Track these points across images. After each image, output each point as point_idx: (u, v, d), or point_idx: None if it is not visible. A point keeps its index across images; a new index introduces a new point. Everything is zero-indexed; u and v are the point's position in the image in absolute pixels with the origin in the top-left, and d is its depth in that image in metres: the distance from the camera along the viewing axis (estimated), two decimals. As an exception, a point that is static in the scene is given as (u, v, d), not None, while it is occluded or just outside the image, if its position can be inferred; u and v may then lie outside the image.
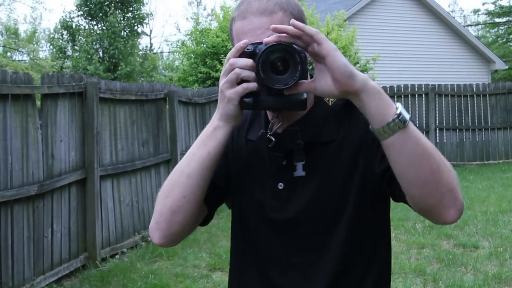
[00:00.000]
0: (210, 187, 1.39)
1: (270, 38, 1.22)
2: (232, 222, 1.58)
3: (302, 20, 1.39)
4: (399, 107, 1.21)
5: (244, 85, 1.26)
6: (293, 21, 1.20)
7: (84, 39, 19.56)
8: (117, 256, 6.29)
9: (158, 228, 1.39)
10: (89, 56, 18.85)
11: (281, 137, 1.42)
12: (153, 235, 1.40)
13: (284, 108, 1.33)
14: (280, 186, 1.44)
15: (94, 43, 19.66)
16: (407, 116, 1.20)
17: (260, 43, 1.27)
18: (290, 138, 1.41)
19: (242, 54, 1.28)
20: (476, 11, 31.14)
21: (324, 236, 1.42)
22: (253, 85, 1.26)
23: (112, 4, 19.44)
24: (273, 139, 1.41)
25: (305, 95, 1.27)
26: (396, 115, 1.19)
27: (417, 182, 1.22)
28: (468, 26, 35.72)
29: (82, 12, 19.99)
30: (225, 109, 1.30)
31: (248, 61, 1.26)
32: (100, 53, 19.85)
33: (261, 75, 1.22)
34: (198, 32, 13.45)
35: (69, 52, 20.73)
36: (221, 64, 12.00)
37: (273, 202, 1.45)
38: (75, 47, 20.14)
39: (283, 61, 1.21)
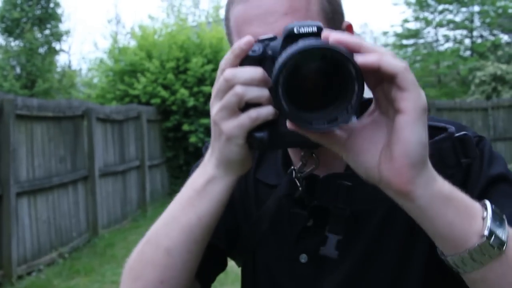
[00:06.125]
0: (206, 251, 0.94)
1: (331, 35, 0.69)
2: (242, 283, 1.14)
3: (338, 5, 0.95)
4: (488, 220, 0.71)
5: (253, 112, 0.78)
6: (362, 42, 0.69)
7: (1, 56, 19.06)
8: (33, 273, 6.27)
9: None
10: (5, 73, 18.38)
11: (317, 186, 0.96)
12: None
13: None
14: (303, 259, 1.00)
15: (11, 59, 19.18)
16: (504, 233, 0.71)
17: (274, 38, 0.80)
18: (333, 193, 0.94)
19: (245, 60, 0.79)
20: (385, 33, 32.75)
21: None
22: (267, 111, 0.78)
23: (30, 21, 19.06)
24: (299, 185, 0.96)
25: (354, 120, 0.73)
26: (485, 237, 0.70)
27: None
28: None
29: (-2, 29, 19.49)
30: (225, 152, 0.82)
31: (256, 72, 0.78)
32: (18, 69, 19.38)
33: (283, 105, 0.69)
34: (116, 50, 13.50)
35: (-15, 69, 20.07)
36: (139, 82, 12.01)
37: (290, 281, 1.01)
38: (-9, 63, 19.54)
39: (325, 77, 0.70)
